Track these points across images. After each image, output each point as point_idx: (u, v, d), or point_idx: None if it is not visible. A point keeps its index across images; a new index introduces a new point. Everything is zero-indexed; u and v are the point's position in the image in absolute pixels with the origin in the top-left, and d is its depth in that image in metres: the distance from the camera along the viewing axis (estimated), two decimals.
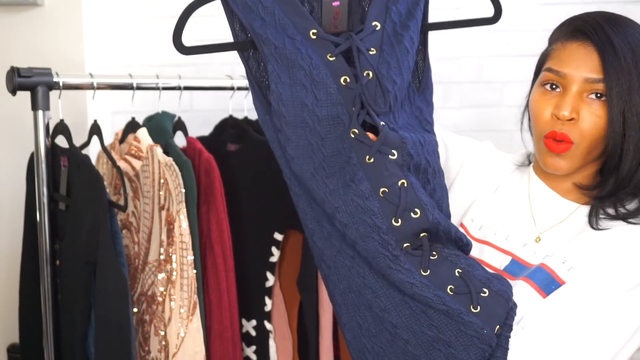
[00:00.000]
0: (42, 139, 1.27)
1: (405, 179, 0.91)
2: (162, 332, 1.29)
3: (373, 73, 0.92)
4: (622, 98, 0.95)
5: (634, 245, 0.95)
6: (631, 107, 0.95)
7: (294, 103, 0.92)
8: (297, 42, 0.93)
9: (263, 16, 0.94)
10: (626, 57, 0.95)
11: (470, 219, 1.12)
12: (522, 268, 1.02)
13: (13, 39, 1.87)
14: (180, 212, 1.26)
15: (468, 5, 1.99)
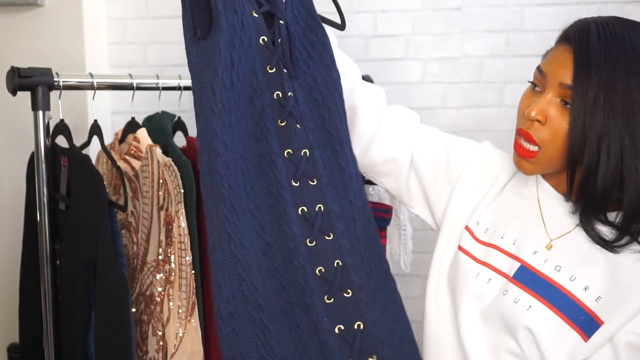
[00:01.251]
0: (42, 139, 1.27)
1: (309, 150, 1.01)
2: (160, 332, 1.29)
3: (286, 41, 1.01)
4: (585, 114, 0.92)
5: None
6: (592, 125, 0.92)
7: (227, 40, 0.95)
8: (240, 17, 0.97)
9: None
10: (599, 72, 0.92)
11: (475, 222, 1.10)
12: (534, 277, 0.99)
13: (13, 39, 1.88)
14: (179, 212, 1.26)
15: (468, 6, 1.99)
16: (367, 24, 2.06)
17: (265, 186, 0.98)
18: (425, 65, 2.07)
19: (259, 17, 0.99)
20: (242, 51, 0.97)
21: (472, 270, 1.06)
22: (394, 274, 1.12)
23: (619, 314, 0.93)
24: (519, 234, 1.05)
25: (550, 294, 0.97)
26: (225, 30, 0.94)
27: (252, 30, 0.98)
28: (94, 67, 1.89)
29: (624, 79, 0.92)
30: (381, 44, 2.05)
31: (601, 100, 0.92)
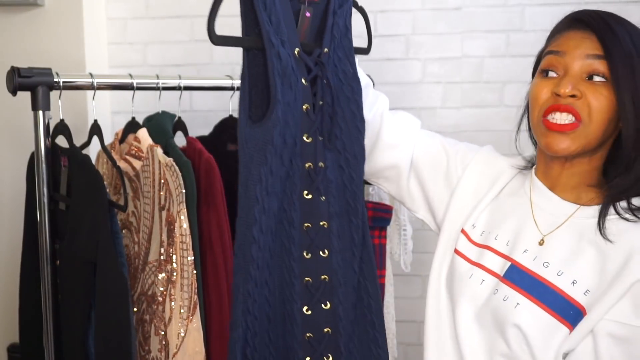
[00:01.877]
0: (42, 139, 1.27)
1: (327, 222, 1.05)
2: (162, 331, 1.29)
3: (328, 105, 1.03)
4: (629, 81, 0.92)
5: None
6: (637, 92, 0.92)
7: (285, 119, 0.97)
8: (291, 60, 0.98)
9: (272, 20, 0.96)
10: (626, 41, 0.93)
11: (471, 225, 1.10)
12: (523, 275, 1.00)
13: (13, 39, 1.88)
14: (180, 212, 1.26)
15: (468, 6, 1.99)
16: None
17: (278, 253, 1.02)
18: (425, 65, 2.07)
19: (307, 85, 1.00)
20: (288, 128, 0.98)
21: (466, 272, 1.06)
22: (394, 273, 1.12)
23: (600, 303, 0.92)
24: (511, 235, 1.05)
25: (538, 290, 0.97)
26: (281, 118, 0.96)
27: (300, 99, 0.99)
28: (94, 67, 1.89)
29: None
30: (381, 44, 2.05)
31: (638, 66, 0.92)
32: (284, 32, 0.96)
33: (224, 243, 1.35)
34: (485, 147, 1.19)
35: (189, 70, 2.06)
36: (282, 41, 0.95)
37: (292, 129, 0.98)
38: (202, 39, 2.07)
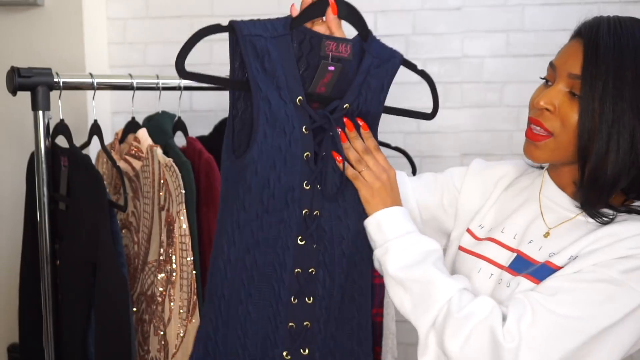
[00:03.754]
0: (42, 139, 1.27)
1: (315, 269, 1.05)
2: (161, 332, 1.29)
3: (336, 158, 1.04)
4: (594, 101, 0.94)
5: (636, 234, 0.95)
6: (601, 112, 0.94)
7: (267, 161, 0.99)
8: (287, 107, 0.99)
9: (266, 67, 0.98)
10: (608, 62, 0.94)
11: (478, 225, 1.13)
12: (527, 264, 1.02)
13: (13, 39, 1.88)
14: (180, 212, 1.26)
15: (468, 6, 1.99)
16: (367, 24, 2.06)
17: (266, 297, 1.03)
18: (425, 65, 2.06)
19: (308, 133, 1.01)
20: (283, 171, 0.99)
21: (474, 267, 1.08)
22: None
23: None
24: (519, 229, 1.07)
25: (542, 273, 0.99)
26: (257, 159, 0.97)
27: (299, 147, 1.00)
28: (94, 67, 1.89)
29: (632, 68, 0.94)
30: None
31: (610, 88, 0.93)
32: (281, 80, 0.97)
33: None
34: (473, 161, 1.22)
35: (189, 70, 2.06)
36: (278, 87, 0.97)
37: (278, 172, 0.99)
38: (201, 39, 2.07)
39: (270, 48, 0.96)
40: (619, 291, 0.91)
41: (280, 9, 2.06)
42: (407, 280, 1.00)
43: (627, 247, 0.94)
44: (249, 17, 2.20)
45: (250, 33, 0.97)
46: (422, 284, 0.99)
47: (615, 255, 0.94)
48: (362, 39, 1.07)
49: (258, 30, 0.98)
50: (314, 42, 1.00)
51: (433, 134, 2.04)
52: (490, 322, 0.93)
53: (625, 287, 0.91)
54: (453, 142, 2.04)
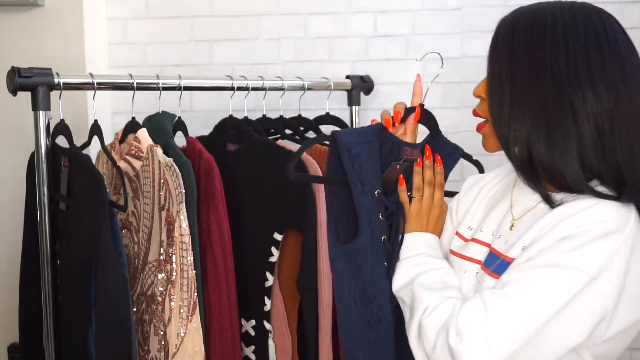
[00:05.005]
0: (42, 139, 1.27)
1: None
2: (161, 331, 1.29)
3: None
4: (492, 85, 1.01)
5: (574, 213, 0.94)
6: (502, 96, 0.99)
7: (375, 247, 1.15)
8: (367, 198, 1.16)
9: (355, 167, 1.16)
10: (504, 45, 1.00)
11: (467, 227, 1.14)
12: (495, 258, 1.03)
13: (13, 39, 1.88)
14: (180, 212, 1.26)
15: (468, 6, 1.99)
16: (367, 24, 2.06)
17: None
18: (425, 65, 2.07)
19: (384, 219, 1.17)
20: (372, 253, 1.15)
21: (460, 268, 1.10)
22: None
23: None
24: (494, 224, 1.09)
25: (501, 267, 1.00)
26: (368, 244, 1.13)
27: (378, 231, 1.15)
28: (94, 67, 1.89)
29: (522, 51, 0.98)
30: (381, 44, 2.05)
31: (503, 70, 0.99)
32: (365, 176, 1.15)
33: (224, 243, 1.35)
34: (466, 180, 1.24)
35: (189, 70, 2.06)
36: (362, 183, 1.15)
37: (371, 255, 1.15)
38: (202, 39, 2.07)
39: (361, 152, 1.15)
40: (563, 274, 0.90)
41: (280, 9, 2.06)
42: (403, 296, 1.09)
43: (567, 227, 0.92)
44: (249, 17, 2.22)
45: (347, 142, 1.15)
46: (410, 298, 1.06)
47: (557, 237, 0.93)
48: (432, 137, 1.24)
49: (353, 138, 1.16)
50: (395, 147, 1.17)
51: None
52: (447, 326, 0.94)
53: (568, 269, 0.89)
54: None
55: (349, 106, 1.93)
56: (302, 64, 2.07)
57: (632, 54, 0.97)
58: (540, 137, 0.95)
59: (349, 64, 2.06)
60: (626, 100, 0.94)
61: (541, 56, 0.96)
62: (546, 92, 0.95)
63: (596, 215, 0.92)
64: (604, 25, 0.97)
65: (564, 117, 0.94)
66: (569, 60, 0.94)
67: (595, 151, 0.93)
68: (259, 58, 2.07)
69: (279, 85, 1.63)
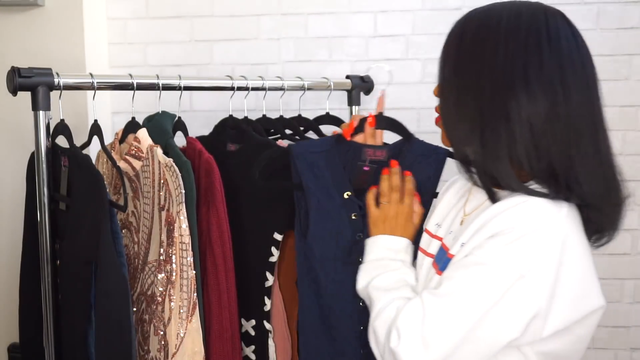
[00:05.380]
0: (42, 139, 1.27)
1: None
2: (161, 332, 1.29)
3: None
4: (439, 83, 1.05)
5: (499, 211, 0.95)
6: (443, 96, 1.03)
7: (323, 246, 1.28)
8: (335, 201, 1.27)
9: (316, 174, 1.27)
10: (448, 45, 1.05)
11: (434, 224, 1.16)
12: (442, 254, 1.05)
13: (13, 39, 1.88)
14: (180, 212, 1.26)
15: (468, 6, 1.99)
16: (367, 24, 2.06)
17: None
18: (425, 65, 2.07)
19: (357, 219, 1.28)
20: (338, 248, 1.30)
21: (421, 263, 1.13)
22: None
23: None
24: (450, 220, 1.11)
25: (444, 263, 1.02)
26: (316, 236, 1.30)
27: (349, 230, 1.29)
28: (94, 67, 1.89)
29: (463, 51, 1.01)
30: (381, 44, 2.05)
31: (445, 70, 1.04)
32: (328, 181, 1.27)
33: (224, 243, 1.35)
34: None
35: (189, 70, 2.06)
36: (326, 187, 1.27)
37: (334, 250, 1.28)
38: (202, 39, 2.08)
39: (319, 160, 1.27)
40: (491, 272, 0.91)
41: (280, 9, 2.06)
42: (364, 298, 1.13)
43: (496, 224, 0.93)
44: (249, 17, 2.21)
45: (301, 152, 1.27)
46: (369, 300, 1.09)
47: (487, 234, 0.93)
48: (405, 140, 1.30)
49: (310, 148, 1.29)
50: (356, 151, 1.27)
51: (433, 133, 2.04)
52: (391, 328, 0.96)
53: (497, 267, 0.90)
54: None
55: (349, 106, 1.93)
56: (302, 64, 2.07)
57: (576, 53, 0.96)
58: (476, 139, 0.96)
59: (349, 64, 2.07)
60: (563, 100, 0.93)
61: (482, 57, 0.97)
62: (483, 94, 0.95)
63: (523, 212, 0.93)
64: (547, 24, 0.96)
65: (497, 119, 0.94)
66: (506, 62, 0.94)
67: (528, 152, 0.94)
68: (259, 58, 2.07)
69: (279, 85, 1.63)
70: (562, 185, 0.94)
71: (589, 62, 0.98)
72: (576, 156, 0.94)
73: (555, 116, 0.93)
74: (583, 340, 0.97)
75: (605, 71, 1.97)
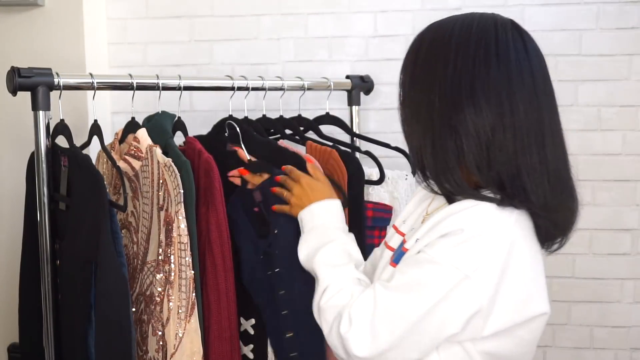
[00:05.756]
0: (42, 139, 1.27)
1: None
2: (160, 332, 1.29)
3: None
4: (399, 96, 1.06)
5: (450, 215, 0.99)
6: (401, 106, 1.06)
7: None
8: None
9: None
10: (406, 56, 1.06)
11: (402, 221, 1.19)
12: (400, 247, 1.09)
13: (13, 39, 1.88)
14: (178, 212, 1.26)
15: (468, 6, 1.99)
16: (367, 24, 2.06)
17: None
18: None
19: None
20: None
21: (382, 254, 1.16)
22: None
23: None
24: (414, 218, 1.15)
25: (399, 258, 1.06)
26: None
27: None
28: (94, 67, 1.89)
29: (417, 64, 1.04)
30: (381, 44, 2.05)
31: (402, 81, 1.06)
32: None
33: (223, 243, 1.35)
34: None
35: (189, 70, 2.06)
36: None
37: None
38: (202, 39, 2.07)
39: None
40: (439, 270, 0.94)
41: (280, 9, 2.06)
42: (308, 270, 1.17)
43: (447, 225, 0.97)
44: (249, 17, 2.21)
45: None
46: (314, 274, 1.14)
47: (439, 233, 0.97)
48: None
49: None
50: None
51: None
52: (342, 313, 1.01)
53: (444, 266, 0.94)
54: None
55: (349, 106, 1.93)
56: (302, 64, 2.07)
57: (525, 63, 0.99)
58: (428, 150, 1.00)
59: (349, 64, 2.06)
60: (509, 112, 0.96)
61: (434, 72, 1.00)
62: (434, 107, 0.99)
63: (473, 216, 0.97)
64: (496, 35, 1.00)
65: (447, 132, 0.97)
66: (455, 76, 0.98)
67: (477, 162, 0.97)
68: (259, 58, 2.07)
69: (279, 85, 1.63)
70: (511, 194, 0.98)
71: (540, 71, 1.00)
72: (522, 166, 0.97)
73: (501, 127, 0.96)
74: (527, 343, 1.01)
75: (605, 71, 1.98)
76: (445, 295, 0.93)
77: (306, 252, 1.18)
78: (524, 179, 0.97)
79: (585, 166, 2.01)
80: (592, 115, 2.01)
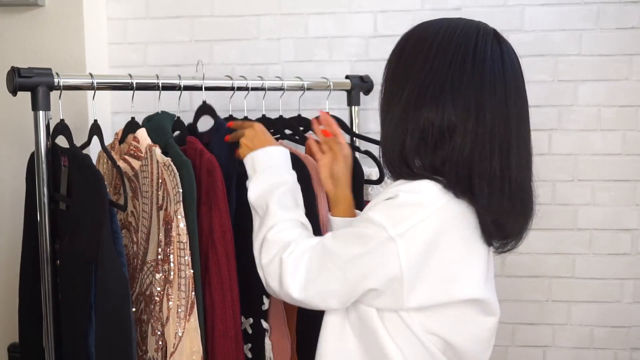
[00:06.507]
0: (42, 139, 1.27)
1: None
2: (159, 331, 1.29)
3: None
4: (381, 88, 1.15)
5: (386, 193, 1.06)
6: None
7: None
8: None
9: None
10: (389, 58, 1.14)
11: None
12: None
13: (13, 39, 1.88)
14: (177, 211, 1.26)
15: (468, 6, 1.99)
16: (367, 24, 2.06)
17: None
18: None
19: None
20: None
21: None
22: None
23: None
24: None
25: None
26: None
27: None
28: (94, 67, 1.89)
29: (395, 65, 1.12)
30: (381, 44, 2.05)
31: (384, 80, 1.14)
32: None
33: (227, 242, 1.35)
34: None
35: (189, 70, 2.06)
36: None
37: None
38: (202, 39, 2.08)
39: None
40: (370, 227, 1.02)
41: (280, 9, 2.06)
42: (257, 207, 1.23)
43: (390, 191, 1.04)
44: (249, 17, 2.21)
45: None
46: (263, 210, 1.20)
47: (381, 198, 1.04)
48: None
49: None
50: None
51: None
52: (288, 245, 1.11)
53: (374, 223, 1.01)
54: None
55: (349, 106, 1.93)
56: (302, 64, 2.07)
57: (500, 74, 1.04)
58: (396, 139, 1.06)
59: (349, 64, 2.06)
60: (474, 118, 1.01)
61: (412, 68, 1.06)
62: (400, 101, 1.06)
63: (412, 185, 1.04)
64: (476, 43, 1.05)
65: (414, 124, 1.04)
66: (429, 74, 1.04)
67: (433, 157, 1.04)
68: (259, 58, 2.07)
69: (279, 85, 1.63)
70: (463, 191, 1.03)
71: (513, 82, 1.05)
72: (476, 170, 1.02)
73: (462, 130, 1.01)
74: (471, 336, 1.07)
75: (605, 71, 1.98)
76: (370, 250, 1.02)
77: (259, 191, 1.23)
78: (473, 181, 1.02)
79: (585, 166, 2.01)
80: (592, 115, 2.01)
